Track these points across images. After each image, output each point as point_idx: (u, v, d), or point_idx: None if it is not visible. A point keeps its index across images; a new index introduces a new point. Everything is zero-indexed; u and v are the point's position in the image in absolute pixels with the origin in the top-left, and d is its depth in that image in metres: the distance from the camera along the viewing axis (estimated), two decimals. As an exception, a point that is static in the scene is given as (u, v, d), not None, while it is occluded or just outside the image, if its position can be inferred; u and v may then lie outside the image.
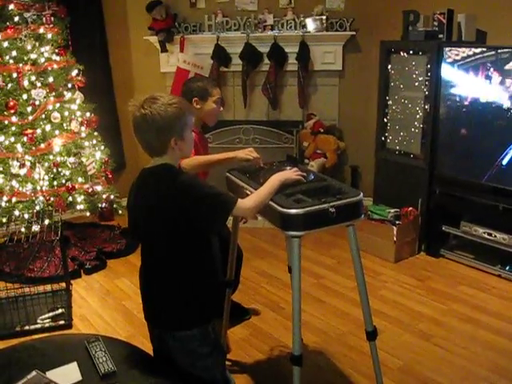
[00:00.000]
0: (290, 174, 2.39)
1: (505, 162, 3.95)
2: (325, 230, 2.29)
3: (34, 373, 2.12)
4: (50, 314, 3.68)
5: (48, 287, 3.84)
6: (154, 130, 1.99)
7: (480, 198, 4.12)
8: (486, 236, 4.18)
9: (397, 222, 4.49)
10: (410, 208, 4.53)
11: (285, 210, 2.16)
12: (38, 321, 3.61)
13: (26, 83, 4.20)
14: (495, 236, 4.12)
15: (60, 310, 3.72)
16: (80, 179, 4.39)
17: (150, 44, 5.50)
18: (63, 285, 3.91)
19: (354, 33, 5.24)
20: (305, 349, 2.40)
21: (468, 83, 4.10)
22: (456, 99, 4.20)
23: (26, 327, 3.54)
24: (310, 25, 5.22)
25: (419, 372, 3.08)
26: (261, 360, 3.25)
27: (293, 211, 2.15)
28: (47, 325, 3.59)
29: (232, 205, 2.06)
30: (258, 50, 5.31)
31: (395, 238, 4.43)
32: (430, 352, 3.27)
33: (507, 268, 4.13)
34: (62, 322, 3.62)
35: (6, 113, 4.17)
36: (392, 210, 4.59)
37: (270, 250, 4.81)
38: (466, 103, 4.14)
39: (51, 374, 2.14)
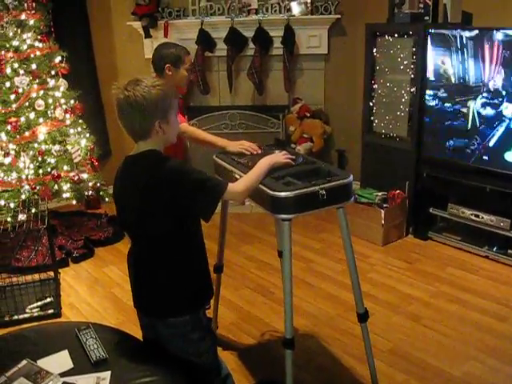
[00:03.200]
0: (279, 157, 2.38)
1: (491, 143, 3.97)
2: (313, 214, 2.29)
3: (24, 361, 2.11)
4: (39, 303, 3.66)
5: (36, 276, 3.80)
6: (137, 113, 1.95)
7: (467, 180, 4.13)
8: (473, 218, 4.21)
9: (384, 205, 4.50)
10: (398, 191, 4.54)
11: (275, 193, 2.16)
12: (27, 310, 3.59)
13: (8, 71, 4.14)
14: (482, 217, 4.14)
15: (48, 299, 3.70)
16: (65, 167, 4.35)
17: (134, 29, 5.44)
18: (51, 274, 3.87)
19: (339, 16, 5.22)
20: (295, 332, 2.40)
21: (454, 65, 4.10)
22: (442, 81, 4.20)
23: (15, 317, 3.53)
24: (295, 8, 5.19)
25: (409, 353, 3.10)
26: (251, 344, 3.26)
27: (283, 194, 2.15)
28: (36, 314, 3.57)
29: (222, 189, 2.04)
30: (242, 34, 5.27)
31: (383, 221, 4.44)
32: (419, 333, 3.30)
33: (494, 249, 4.16)
34: (50, 311, 3.61)
35: (-12, 101, 4.12)
36: (379, 194, 4.60)
37: (259, 235, 4.81)
38: (452, 85, 4.14)
39: (42, 363, 2.12)
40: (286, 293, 2.32)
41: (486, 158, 4.02)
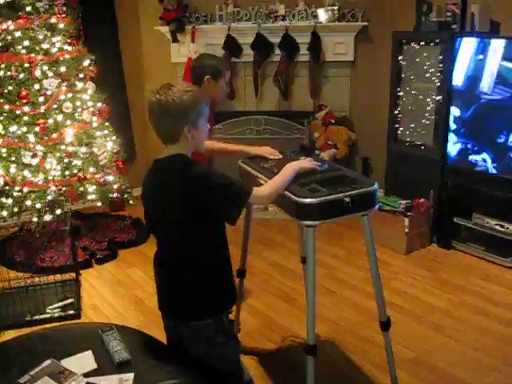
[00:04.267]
0: (305, 163, 2.38)
1: (518, 153, 3.93)
2: (336, 221, 2.28)
3: (48, 361, 2.13)
4: (60, 304, 3.69)
5: (58, 277, 3.83)
6: (168, 117, 1.98)
7: (492, 190, 4.10)
8: (497, 228, 4.16)
9: (408, 214, 4.47)
10: (422, 199, 4.51)
11: (300, 200, 2.16)
12: (48, 310, 3.62)
13: (38, 73, 4.20)
14: (507, 228, 4.10)
15: (69, 300, 3.73)
16: (91, 169, 4.39)
17: (161, 34, 5.49)
18: (73, 275, 3.92)
19: (366, 23, 5.21)
20: (316, 339, 2.39)
21: (481, 74, 4.07)
22: (469, 90, 4.17)
23: (36, 317, 3.55)
24: (322, 15, 5.20)
25: (431, 363, 3.08)
26: (273, 350, 3.26)
27: (308, 200, 2.15)
28: (56, 314, 3.60)
29: (248, 193, 2.06)
30: (269, 40, 5.29)
31: (407, 230, 4.41)
32: (441, 343, 3.27)
33: (519, 260, 4.12)
34: (71, 312, 3.63)
35: (18, 103, 4.18)
36: (403, 202, 4.56)
37: (282, 240, 4.81)
38: (480, 95, 4.11)
39: (66, 362, 2.14)
40: (309, 299, 2.32)
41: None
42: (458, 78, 4.22)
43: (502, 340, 3.28)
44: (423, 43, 4.48)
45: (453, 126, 4.34)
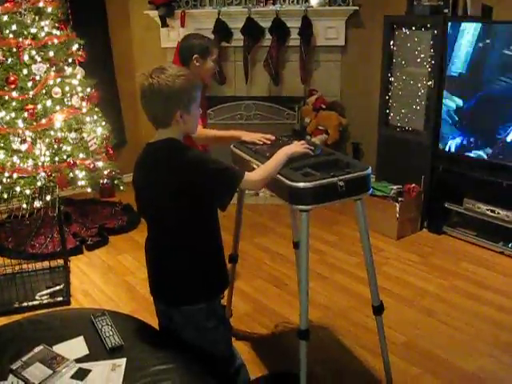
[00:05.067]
0: (298, 147, 2.37)
1: (509, 138, 3.94)
2: (327, 206, 2.28)
3: (40, 347, 2.13)
4: (48, 291, 3.68)
5: (46, 264, 3.81)
6: (160, 100, 1.96)
7: (483, 175, 4.11)
8: (488, 213, 4.18)
9: (399, 199, 4.47)
10: (413, 185, 4.52)
11: (293, 184, 2.15)
12: (36, 297, 3.61)
13: (26, 58, 4.14)
14: (498, 213, 4.11)
15: (58, 287, 3.72)
16: (81, 155, 4.35)
17: (151, 19, 5.44)
18: (62, 261, 3.90)
19: (357, 7, 5.19)
20: (308, 324, 2.39)
21: (472, 59, 4.06)
22: (459, 75, 4.16)
23: (25, 303, 3.54)
24: (313, -1, 5.17)
25: (423, 347, 3.10)
26: (265, 335, 3.26)
27: (301, 185, 2.14)
28: (45, 301, 3.59)
29: (240, 178, 2.05)
30: (259, 24, 5.26)
31: (398, 215, 4.42)
32: (433, 327, 3.29)
33: (510, 245, 4.13)
34: (60, 299, 3.62)
35: (6, 88, 4.12)
36: (394, 187, 4.57)
37: (273, 226, 4.81)
38: (470, 80, 4.11)
39: (58, 348, 2.14)
40: (302, 284, 2.32)
41: (503, 152, 3.99)
42: (453, 64, 4.21)
43: (493, 324, 3.30)
44: (415, 28, 4.46)
45: (444, 111, 4.33)
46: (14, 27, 4.11)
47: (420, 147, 4.54)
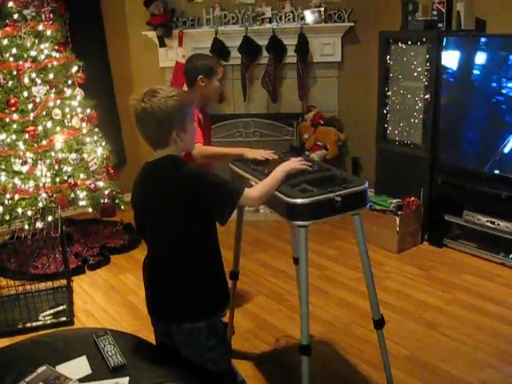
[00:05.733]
0: (295, 163, 2.39)
1: (507, 149, 3.96)
2: (327, 222, 2.29)
3: (44, 367, 2.13)
4: (52, 311, 3.68)
5: (49, 284, 3.82)
6: (154, 123, 1.99)
7: (482, 187, 4.12)
8: (488, 224, 4.18)
9: (399, 213, 4.48)
10: (412, 198, 4.53)
11: (291, 200, 2.17)
12: (40, 318, 3.61)
13: (26, 80, 4.19)
14: (498, 224, 4.12)
15: (61, 307, 3.73)
16: (82, 175, 4.40)
17: (149, 39, 5.50)
18: (65, 281, 3.91)
19: (352, 24, 5.24)
20: (311, 339, 2.40)
21: (468, 72, 4.10)
22: (456, 88, 4.20)
23: (28, 324, 3.55)
24: (309, 17, 5.22)
25: (425, 360, 3.09)
26: (267, 351, 3.26)
27: (299, 201, 2.16)
28: (49, 321, 3.60)
29: (239, 193, 2.07)
30: (256, 43, 5.31)
31: (398, 229, 4.43)
32: (435, 340, 3.29)
33: (510, 256, 4.13)
34: (63, 319, 3.63)
35: (7, 110, 4.18)
36: (394, 201, 4.58)
37: (273, 242, 4.82)
38: (466, 92, 4.15)
39: (61, 368, 2.14)
40: (303, 299, 2.33)
41: (501, 164, 4.01)
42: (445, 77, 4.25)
43: (495, 336, 3.30)
44: (410, 42, 4.51)
45: (442, 124, 4.36)
46: (14, 50, 4.17)
47: (418, 160, 4.56)
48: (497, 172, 4.06)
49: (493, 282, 3.96)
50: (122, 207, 4.72)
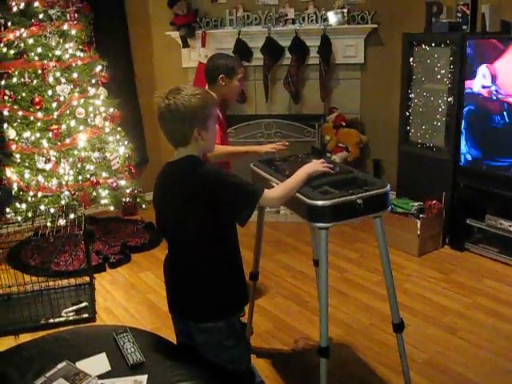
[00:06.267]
0: (318, 165, 2.38)
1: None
2: (348, 224, 2.28)
3: (64, 363, 2.16)
4: (74, 308, 3.72)
5: (72, 281, 3.88)
6: (177, 120, 2.01)
7: (505, 191, 4.08)
8: (511, 229, 4.14)
9: (420, 216, 4.45)
10: (434, 201, 4.50)
11: (312, 202, 2.17)
12: (62, 314, 3.65)
13: (50, 79, 4.24)
14: (520, 229, 4.09)
15: (84, 304, 3.76)
16: (104, 174, 4.44)
17: (172, 39, 5.53)
18: (87, 279, 3.96)
19: (375, 25, 5.21)
20: (329, 341, 2.39)
21: (492, 74, 4.06)
22: (480, 91, 4.16)
23: (51, 320, 3.59)
24: (332, 18, 5.20)
25: (444, 365, 3.07)
26: (285, 352, 3.26)
27: (320, 203, 2.16)
28: (71, 318, 3.64)
29: (259, 194, 2.07)
30: (279, 44, 5.31)
31: (419, 232, 4.40)
32: (455, 345, 3.26)
33: (533, 261, 4.10)
34: (85, 315, 3.66)
35: (31, 109, 4.23)
36: (416, 204, 4.56)
37: (293, 244, 4.81)
38: (490, 95, 4.11)
39: (81, 365, 2.17)
40: (322, 301, 2.32)
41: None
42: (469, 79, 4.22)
43: (516, 341, 3.27)
44: (434, 44, 4.48)
45: (465, 127, 4.32)
46: (39, 50, 4.22)
47: (441, 163, 4.53)
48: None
49: (514, 287, 3.93)
50: (144, 206, 4.76)
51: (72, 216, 3.96)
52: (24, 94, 4.26)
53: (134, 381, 2.06)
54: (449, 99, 4.42)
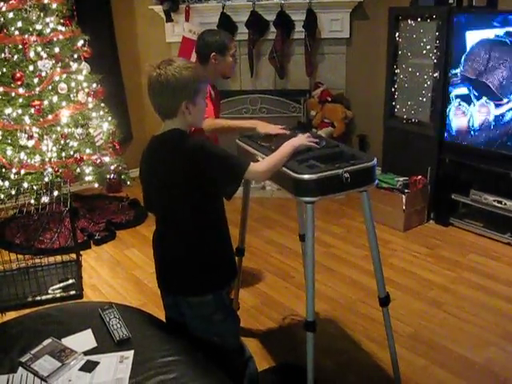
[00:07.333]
0: (303, 139, 2.36)
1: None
2: (333, 199, 2.28)
3: (49, 340, 2.16)
4: (61, 285, 3.71)
5: (58, 258, 3.85)
6: (166, 91, 1.99)
7: (490, 166, 4.10)
8: (495, 204, 4.17)
9: (406, 191, 4.46)
10: (419, 176, 4.51)
11: (298, 176, 2.15)
12: (49, 291, 3.65)
13: (32, 54, 4.15)
14: (505, 204, 4.10)
15: (70, 281, 3.75)
16: (88, 150, 4.37)
17: (155, 13, 5.45)
18: (73, 256, 3.93)
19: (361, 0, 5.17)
20: (316, 317, 2.40)
21: (478, 50, 4.05)
22: (465, 66, 4.15)
23: (38, 297, 3.58)
24: (317, -8, 5.15)
25: (430, 339, 3.10)
26: (272, 328, 3.28)
27: (306, 176, 2.14)
28: (58, 295, 3.63)
29: (245, 167, 2.06)
30: (264, 18, 5.25)
31: (404, 207, 4.42)
32: (440, 319, 3.29)
33: (517, 236, 4.13)
34: (72, 292, 3.66)
35: (12, 85, 4.14)
36: (401, 179, 4.57)
37: (279, 219, 4.81)
38: (476, 70, 4.09)
39: (66, 341, 2.16)
40: (309, 275, 2.32)
41: (509, 143, 3.98)
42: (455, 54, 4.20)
43: (501, 315, 3.30)
44: (420, 19, 4.45)
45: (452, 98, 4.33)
46: (19, 24, 4.11)
47: (426, 139, 4.53)
48: (505, 151, 4.02)
49: (499, 261, 3.95)
50: (128, 183, 4.71)
51: (56, 193, 3.92)
52: (5, 70, 4.16)
53: (121, 356, 2.06)
54: (434, 74, 4.40)
